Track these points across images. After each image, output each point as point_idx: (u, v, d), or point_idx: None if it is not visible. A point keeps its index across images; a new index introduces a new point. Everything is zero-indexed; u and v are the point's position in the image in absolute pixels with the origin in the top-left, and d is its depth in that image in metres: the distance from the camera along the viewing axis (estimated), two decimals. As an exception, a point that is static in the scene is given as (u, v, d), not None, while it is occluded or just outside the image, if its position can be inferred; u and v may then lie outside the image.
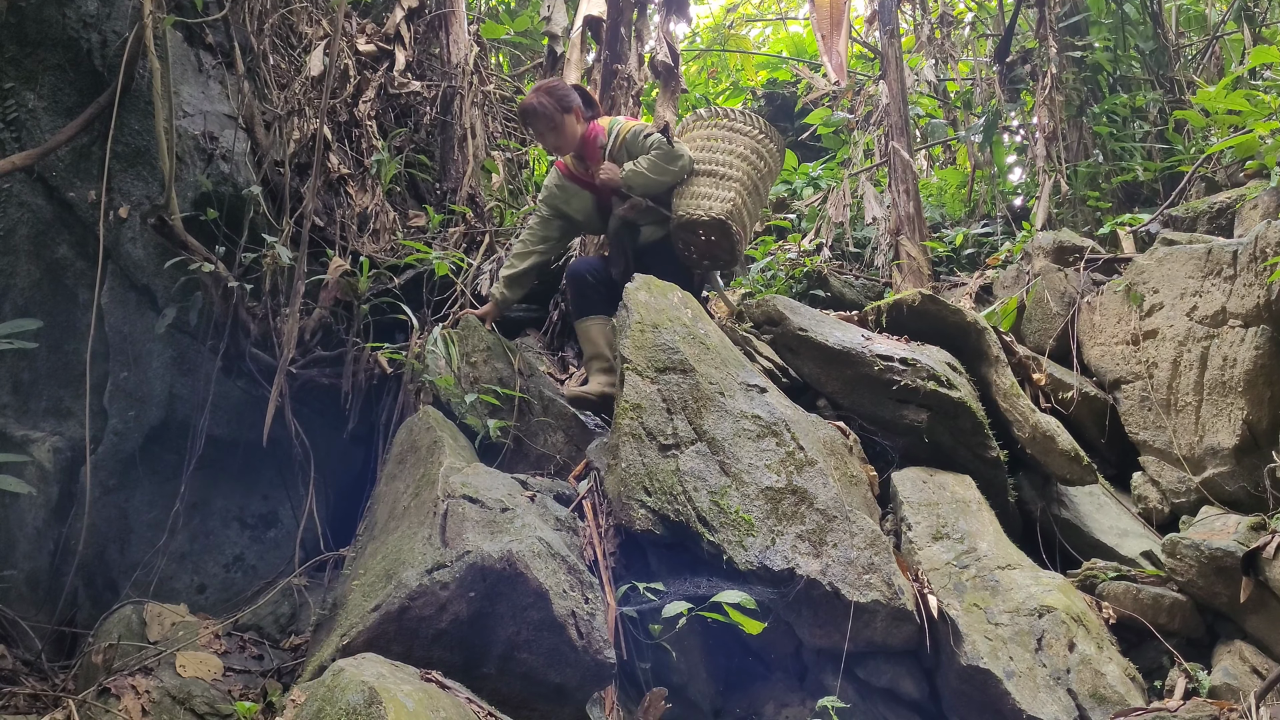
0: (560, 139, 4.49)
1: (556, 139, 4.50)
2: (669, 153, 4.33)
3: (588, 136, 4.50)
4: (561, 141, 4.50)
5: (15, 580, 4.12)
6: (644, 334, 3.87)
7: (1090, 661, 3.46)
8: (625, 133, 4.46)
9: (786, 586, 3.36)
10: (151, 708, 3.27)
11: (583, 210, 4.64)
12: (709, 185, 4.36)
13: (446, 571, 3.05)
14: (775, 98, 10.71)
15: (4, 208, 4.39)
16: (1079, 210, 7.06)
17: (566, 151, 4.56)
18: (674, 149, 4.34)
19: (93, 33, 4.57)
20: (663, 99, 5.59)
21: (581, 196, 4.61)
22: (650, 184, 4.37)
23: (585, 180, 4.58)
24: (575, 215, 4.66)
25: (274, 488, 4.76)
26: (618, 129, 4.48)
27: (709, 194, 4.33)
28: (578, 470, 4.06)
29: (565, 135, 4.47)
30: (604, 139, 4.48)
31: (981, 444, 4.34)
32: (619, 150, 4.44)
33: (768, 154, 4.52)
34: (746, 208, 4.42)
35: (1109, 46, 7.46)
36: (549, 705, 3.10)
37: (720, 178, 4.37)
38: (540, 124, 4.47)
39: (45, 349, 4.33)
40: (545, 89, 4.52)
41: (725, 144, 4.46)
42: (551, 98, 4.45)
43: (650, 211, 4.45)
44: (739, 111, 4.57)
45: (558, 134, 4.47)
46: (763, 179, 4.54)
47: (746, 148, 4.45)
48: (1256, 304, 4.38)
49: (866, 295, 6.79)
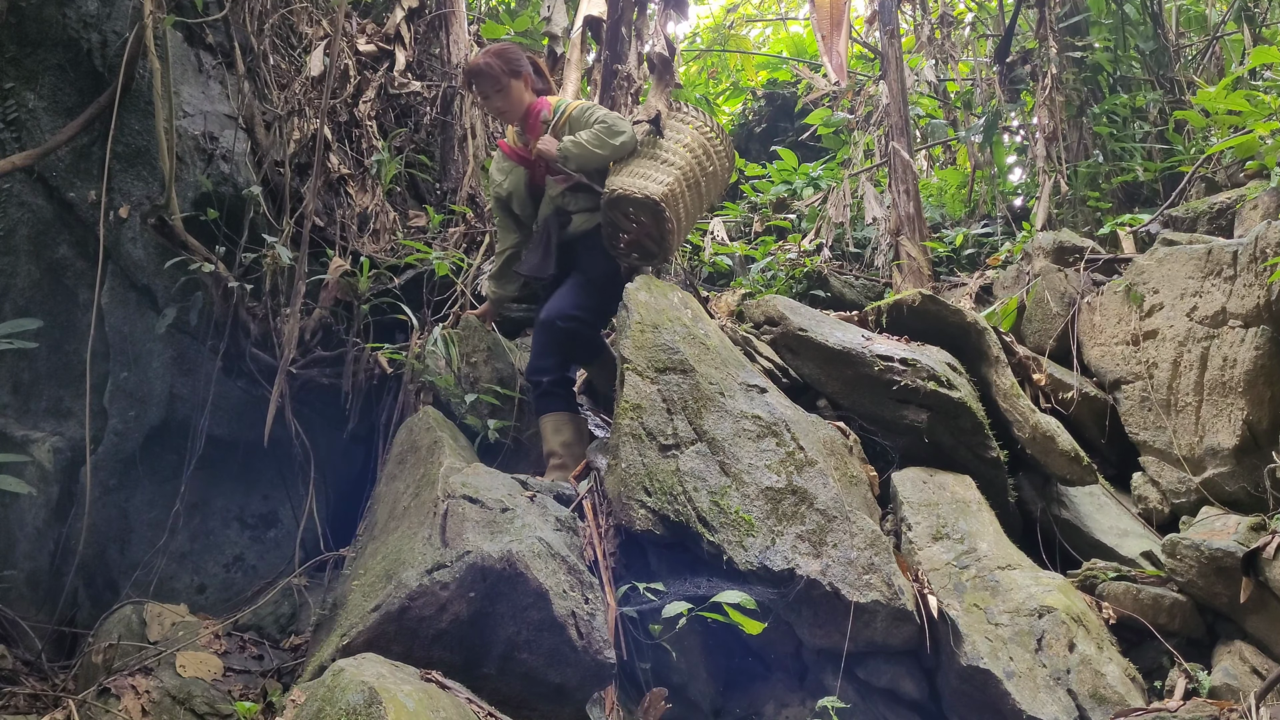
0: (506, 103, 4.27)
1: (502, 102, 4.28)
2: (612, 127, 4.14)
3: (533, 108, 4.29)
4: (507, 106, 4.29)
5: (15, 580, 4.12)
6: (644, 334, 3.87)
7: (1090, 662, 3.46)
8: (572, 110, 4.27)
9: (786, 587, 3.36)
10: (151, 708, 3.27)
11: (515, 189, 4.39)
12: (648, 166, 4.12)
13: (446, 571, 3.05)
14: (775, 98, 10.71)
15: (4, 208, 4.39)
16: (1079, 210, 7.06)
17: (511, 119, 4.36)
18: (617, 124, 4.16)
19: (93, 33, 4.57)
20: (656, 91, 5.51)
21: (516, 174, 4.38)
22: (587, 157, 4.14)
23: (522, 156, 4.37)
24: (506, 194, 4.42)
25: (274, 488, 4.76)
26: (565, 107, 4.30)
27: (646, 174, 4.08)
28: (578, 470, 4.06)
29: (511, 100, 4.26)
30: (548, 114, 4.28)
31: (982, 444, 4.34)
32: (562, 127, 4.24)
33: (715, 154, 4.30)
34: (684, 200, 4.16)
35: (1109, 47, 7.46)
36: (549, 705, 3.10)
37: (661, 162, 4.14)
38: (486, 84, 4.25)
39: (45, 349, 4.33)
40: (495, 51, 4.32)
41: (673, 133, 4.24)
42: (501, 59, 4.25)
43: (583, 193, 4.23)
44: (694, 107, 4.39)
45: (504, 97, 4.26)
46: (707, 178, 4.28)
47: (694, 140, 4.23)
48: (1257, 304, 4.38)
49: (867, 295, 6.80)
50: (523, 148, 4.35)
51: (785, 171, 8.82)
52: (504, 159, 4.43)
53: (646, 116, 4.34)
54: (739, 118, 11.23)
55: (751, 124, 10.95)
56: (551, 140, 4.19)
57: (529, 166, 4.35)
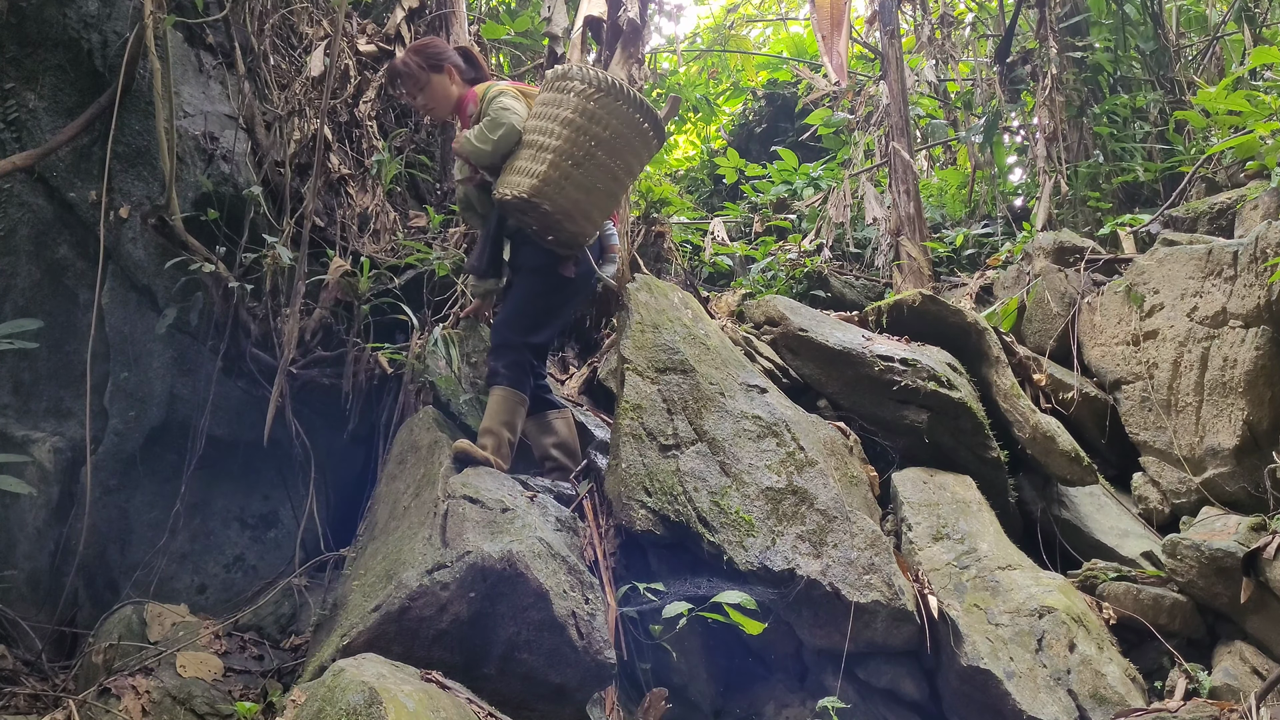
0: (430, 100, 4.03)
1: (426, 100, 4.04)
2: (494, 119, 3.78)
3: (462, 101, 4.03)
4: (433, 104, 4.05)
5: (16, 580, 4.12)
6: (644, 334, 3.87)
7: (1091, 662, 3.46)
8: (487, 95, 3.93)
9: (787, 587, 3.36)
10: (152, 708, 3.27)
11: (465, 188, 4.13)
12: (526, 158, 3.72)
13: (447, 572, 3.05)
14: (776, 98, 10.72)
15: (5, 208, 4.39)
16: (1079, 211, 7.06)
17: (441, 116, 4.15)
18: (499, 115, 3.78)
19: (93, 33, 4.57)
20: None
21: (464, 170, 4.11)
22: (478, 154, 3.84)
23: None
24: (463, 193, 4.17)
25: (274, 488, 4.75)
26: (488, 92, 3.95)
27: (523, 168, 3.71)
28: (578, 470, 4.06)
29: (436, 97, 4.02)
30: (474, 106, 3.98)
31: (982, 444, 4.34)
32: (483, 116, 3.92)
33: (606, 114, 3.70)
34: (573, 180, 3.68)
35: (1109, 47, 7.47)
36: (549, 706, 3.10)
37: (537, 148, 3.71)
38: (408, 84, 4.04)
39: (46, 349, 4.33)
40: (415, 47, 4.09)
41: (553, 108, 3.75)
42: (419, 56, 4.01)
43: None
44: (581, 69, 3.81)
45: (426, 95, 4.02)
46: (605, 145, 3.71)
47: (574, 110, 3.69)
48: (1257, 304, 4.38)
49: (867, 296, 6.80)
50: None
51: (785, 172, 8.83)
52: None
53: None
54: (739, 118, 11.24)
55: (752, 124, 10.96)
56: (460, 137, 3.94)
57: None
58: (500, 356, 3.83)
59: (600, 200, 3.81)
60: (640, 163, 3.92)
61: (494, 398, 3.81)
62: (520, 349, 3.84)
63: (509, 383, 3.79)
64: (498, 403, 3.79)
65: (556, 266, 3.83)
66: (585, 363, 5.03)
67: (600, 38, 5.74)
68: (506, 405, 3.78)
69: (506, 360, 3.82)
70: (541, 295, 3.88)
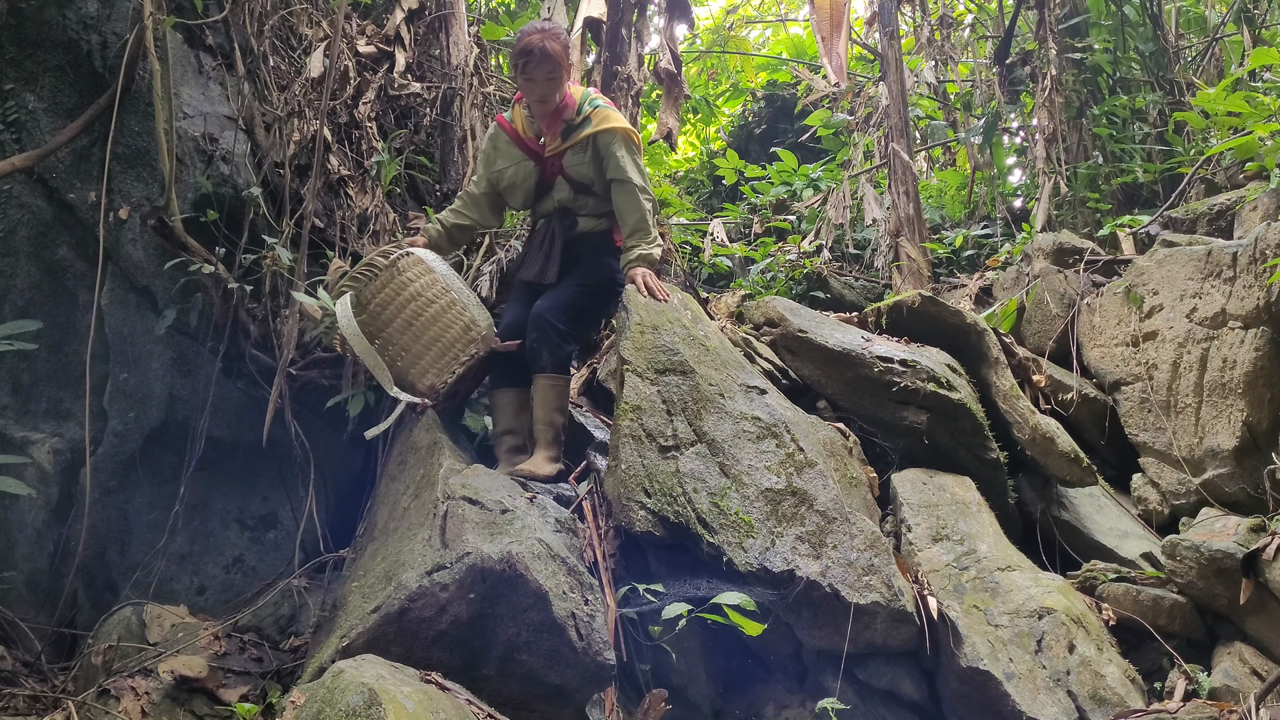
0: (557, 93, 3.95)
1: (551, 92, 3.93)
2: (650, 207, 4.07)
3: (560, 102, 4.01)
4: (551, 95, 3.94)
5: (15, 581, 4.12)
6: (644, 335, 3.87)
7: (1090, 663, 3.46)
8: (603, 129, 3.99)
9: (786, 588, 3.36)
10: (151, 709, 3.27)
11: (519, 180, 4.12)
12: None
13: (446, 573, 3.05)
14: (775, 99, 10.73)
15: (4, 209, 4.39)
16: (1079, 212, 7.07)
17: (544, 111, 4.00)
18: (649, 188, 4.08)
19: (93, 34, 4.57)
20: (666, 105, 5.56)
21: (524, 168, 4.10)
22: (647, 195, 4.09)
23: (533, 149, 4.10)
24: (506, 183, 4.16)
25: (274, 489, 4.75)
26: (594, 114, 4.02)
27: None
28: (578, 471, 4.06)
29: (560, 93, 3.96)
30: (571, 114, 4.02)
31: (981, 445, 4.34)
32: (584, 141, 4.00)
33: (385, 287, 3.94)
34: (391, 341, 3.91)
35: (1109, 48, 7.47)
36: (549, 706, 3.10)
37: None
38: (543, 68, 3.88)
39: (45, 350, 4.33)
40: (556, 33, 3.94)
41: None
42: (561, 46, 3.90)
43: (592, 197, 4.09)
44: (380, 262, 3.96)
45: (556, 87, 3.94)
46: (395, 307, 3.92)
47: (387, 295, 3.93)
48: (1256, 306, 4.38)
49: (866, 297, 6.81)
50: (534, 139, 4.10)
51: (785, 173, 8.84)
52: (510, 146, 4.15)
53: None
54: (739, 119, 11.25)
55: (751, 125, 10.97)
56: (647, 273, 4.00)
57: (541, 163, 4.11)
58: (546, 344, 3.91)
59: (419, 339, 4.00)
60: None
61: (542, 387, 3.93)
62: (567, 338, 3.97)
63: (555, 369, 3.94)
64: (547, 391, 3.93)
65: (616, 277, 4.10)
66: (585, 364, 5.03)
67: (600, 38, 5.74)
68: (556, 391, 3.95)
69: (552, 347, 3.91)
70: (598, 300, 4.11)
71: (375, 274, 3.90)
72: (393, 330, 3.90)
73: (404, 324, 3.90)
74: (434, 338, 3.91)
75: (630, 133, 4.10)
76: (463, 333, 3.91)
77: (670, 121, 5.10)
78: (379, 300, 3.88)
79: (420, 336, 3.91)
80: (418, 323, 3.90)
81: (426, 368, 3.91)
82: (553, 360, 3.91)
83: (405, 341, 3.91)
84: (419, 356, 3.91)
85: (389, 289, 3.91)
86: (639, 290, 3.97)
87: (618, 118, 4.11)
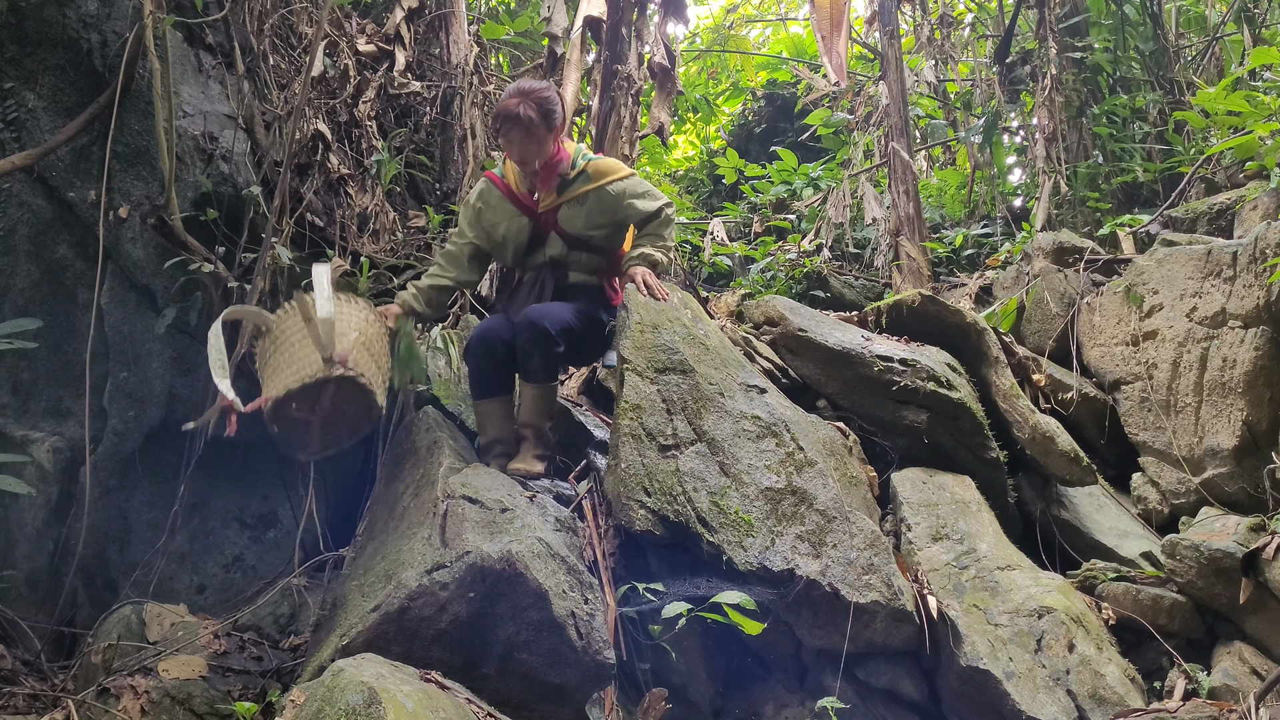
0: (540, 153, 3.87)
1: (531, 154, 3.87)
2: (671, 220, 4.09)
3: (553, 159, 3.93)
4: (534, 156, 3.87)
5: (15, 580, 4.12)
6: (644, 334, 3.87)
7: (1090, 662, 3.46)
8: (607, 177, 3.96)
9: (786, 587, 3.36)
10: (151, 708, 3.27)
11: (512, 235, 4.02)
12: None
13: (446, 572, 3.05)
14: (775, 98, 10.73)
15: (4, 208, 4.39)
16: (1079, 211, 7.07)
17: (531, 169, 3.93)
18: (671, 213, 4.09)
19: (93, 33, 4.57)
20: (659, 100, 5.56)
21: (517, 223, 4.00)
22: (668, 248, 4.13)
23: (527, 204, 4.00)
24: (498, 239, 4.05)
25: (274, 488, 4.75)
26: (587, 165, 3.98)
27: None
28: (577, 470, 4.06)
29: (543, 153, 3.88)
30: (566, 168, 3.95)
31: (981, 445, 4.34)
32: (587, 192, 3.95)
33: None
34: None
35: (1109, 47, 7.47)
36: (549, 706, 3.10)
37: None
38: (517, 132, 3.83)
39: (45, 349, 4.33)
40: (536, 97, 3.85)
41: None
42: (539, 109, 3.82)
43: (585, 252, 4.04)
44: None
45: (536, 149, 3.85)
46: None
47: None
48: (1256, 305, 4.38)
49: (866, 296, 6.81)
50: (527, 194, 4.00)
51: (785, 172, 8.84)
52: (503, 201, 4.03)
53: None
54: (739, 118, 11.25)
55: (751, 124, 10.97)
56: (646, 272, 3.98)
57: (535, 219, 4.01)
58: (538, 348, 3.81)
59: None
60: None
61: (530, 395, 3.90)
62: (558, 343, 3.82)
63: (545, 377, 3.89)
64: (536, 400, 3.89)
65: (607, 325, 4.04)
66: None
67: (600, 38, 5.74)
68: (546, 399, 3.92)
69: (544, 352, 3.82)
70: (589, 331, 4.00)
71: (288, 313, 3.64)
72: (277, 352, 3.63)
73: (285, 349, 3.61)
74: (299, 357, 3.57)
75: (631, 173, 4.08)
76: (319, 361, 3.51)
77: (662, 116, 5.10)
78: (284, 328, 3.62)
79: (290, 355, 3.59)
80: (296, 346, 3.59)
81: (272, 380, 3.59)
82: (544, 367, 3.83)
83: (276, 361, 3.63)
84: (276, 370, 3.60)
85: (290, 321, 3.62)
86: (639, 289, 3.96)
87: (614, 165, 4.07)
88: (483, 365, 3.91)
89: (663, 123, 4.58)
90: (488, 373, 3.92)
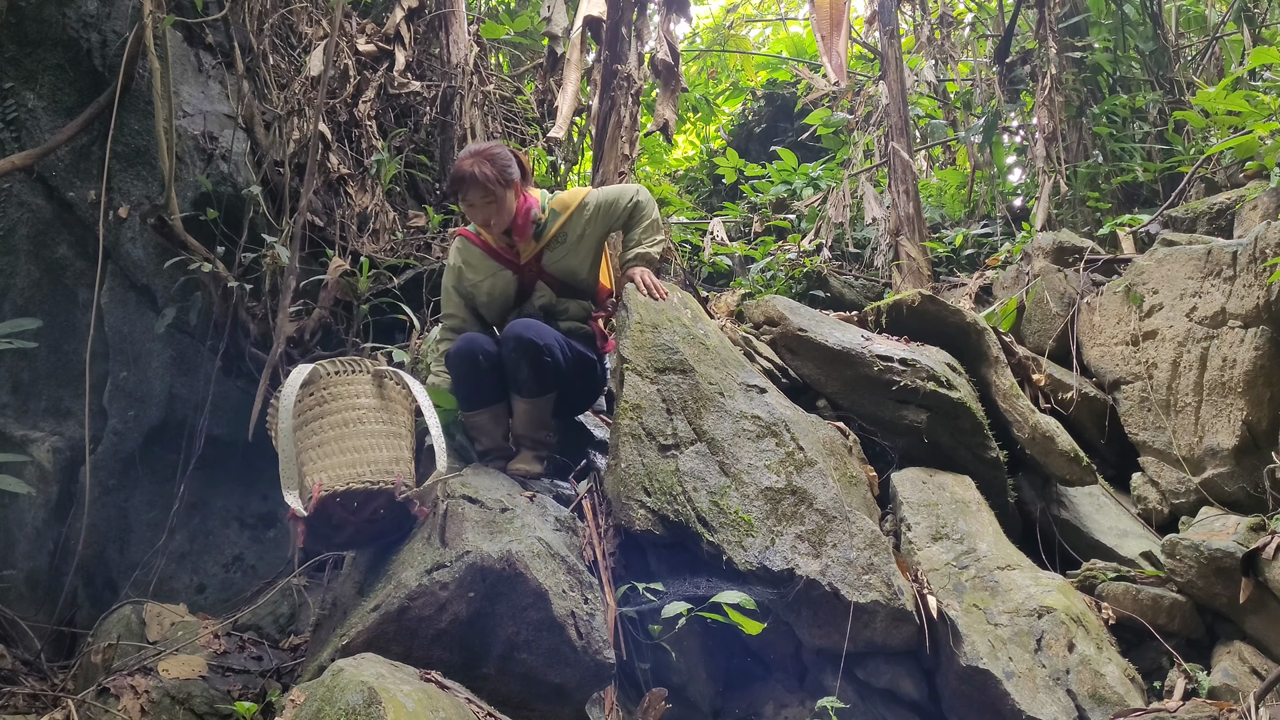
0: (496, 214, 3.79)
1: (490, 213, 3.79)
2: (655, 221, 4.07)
3: (520, 209, 3.86)
4: (498, 219, 3.80)
5: (15, 580, 4.12)
6: (644, 334, 3.87)
7: (1090, 662, 3.46)
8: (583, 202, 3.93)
9: (786, 587, 3.36)
10: (150, 707, 3.27)
11: (498, 292, 3.96)
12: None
13: (446, 572, 3.05)
14: (775, 98, 10.73)
15: (4, 208, 4.39)
16: (1079, 211, 7.07)
17: (499, 229, 3.85)
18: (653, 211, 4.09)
19: (93, 32, 4.57)
20: (663, 98, 5.56)
21: (502, 278, 3.94)
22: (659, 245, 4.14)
23: (508, 258, 3.94)
24: (483, 299, 3.98)
25: (273, 487, 4.74)
26: (554, 205, 3.94)
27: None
28: (577, 470, 4.06)
29: (503, 211, 3.79)
30: (539, 213, 3.90)
31: (981, 444, 4.34)
32: (566, 225, 3.92)
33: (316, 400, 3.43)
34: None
35: (1109, 47, 7.47)
36: (549, 705, 3.10)
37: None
38: (475, 194, 3.75)
39: (45, 349, 4.33)
40: (486, 155, 3.78)
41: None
42: (494, 167, 3.74)
43: (573, 300, 4.02)
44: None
45: (497, 209, 3.78)
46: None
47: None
48: (1256, 305, 4.38)
49: (866, 296, 6.80)
50: (506, 248, 3.95)
51: (785, 172, 8.84)
52: (484, 259, 3.96)
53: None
54: (738, 118, 11.25)
55: (751, 124, 10.96)
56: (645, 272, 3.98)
57: (519, 270, 3.96)
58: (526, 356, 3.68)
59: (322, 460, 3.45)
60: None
61: (523, 409, 3.79)
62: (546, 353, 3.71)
63: (536, 390, 3.74)
64: (529, 413, 3.80)
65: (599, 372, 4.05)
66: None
67: (600, 37, 5.74)
68: (539, 411, 3.82)
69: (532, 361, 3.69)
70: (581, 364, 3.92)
71: (353, 370, 3.41)
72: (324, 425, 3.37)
73: (339, 423, 3.36)
74: (358, 447, 3.33)
75: (588, 189, 4.07)
76: (388, 462, 3.32)
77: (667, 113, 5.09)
78: (332, 392, 3.38)
79: (345, 441, 3.34)
80: (353, 428, 3.34)
81: (324, 466, 3.31)
82: (534, 377, 3.70)
83: (327, 438, 3.37)
84: (328, 455, 3.33)
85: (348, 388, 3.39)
86: (638, 288, 3.96)
87: (571, 192, 4.04)
88: (467, 377, 3.76)
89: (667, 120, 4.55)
90: (473, 384, 3.76)
